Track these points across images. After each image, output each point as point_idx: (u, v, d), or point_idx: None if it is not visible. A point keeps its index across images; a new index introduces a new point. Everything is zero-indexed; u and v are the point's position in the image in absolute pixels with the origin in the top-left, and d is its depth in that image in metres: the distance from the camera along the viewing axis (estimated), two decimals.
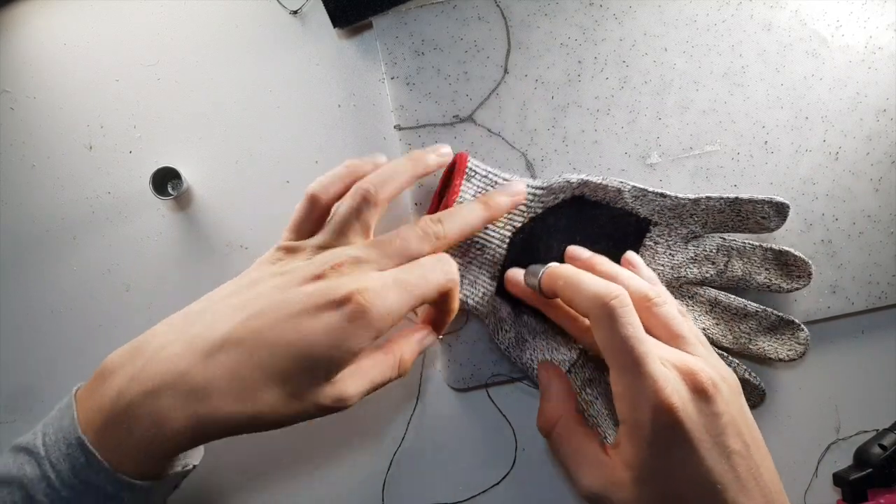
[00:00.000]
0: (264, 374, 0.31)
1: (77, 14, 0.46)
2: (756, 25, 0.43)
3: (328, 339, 0.31)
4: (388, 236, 0.36)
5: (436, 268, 0.35)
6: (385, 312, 0.32)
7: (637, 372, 0.32)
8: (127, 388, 0.30)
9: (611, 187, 0.41)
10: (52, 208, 0.45)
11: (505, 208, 0.39)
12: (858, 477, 0.40)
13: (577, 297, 0.34)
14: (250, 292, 0.34)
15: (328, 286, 0.32)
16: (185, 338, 0.32)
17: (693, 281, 0.41)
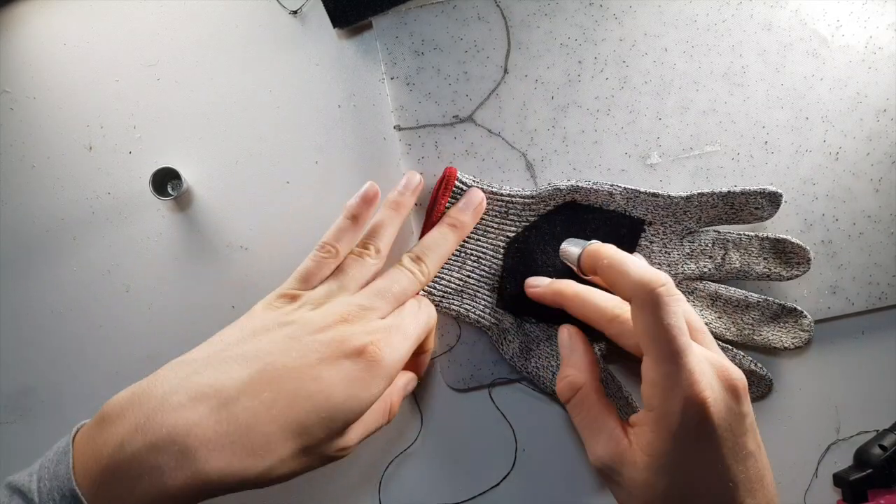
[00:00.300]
0: (280, 427, 0.30)
1: (77, 14, 0.46)
2: (756, 25, 0.43)
3: (347, 388, 0.32)
4: (384, 284, 0.37)
5: (422, 311, 0.38)
6: (397, 360, 0.34)
7: (676, 362, 0.31)
8: (130, 439, 0.29)
9: (602, 191, 0.41)
10: (52, 209, 0.45)
11: (471, 224, 0.41)
12: (858, 477, 0.40)
13: (622, 280, 0.34)
14: (261, 340, 0.33)
15: (342, 336, 0.33)
16: (192, 387, 0.30)
17: (692, 276, 0.41)
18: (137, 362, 0.44)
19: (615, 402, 0.41)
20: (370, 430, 0.36)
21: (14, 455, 0.45)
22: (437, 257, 0.40)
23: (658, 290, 0.32)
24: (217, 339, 0.34)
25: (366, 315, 0.35)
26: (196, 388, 0.30)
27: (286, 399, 0.30)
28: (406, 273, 0.38)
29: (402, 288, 0.38)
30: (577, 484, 0.43)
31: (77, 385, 0.45)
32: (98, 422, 0.30)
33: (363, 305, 0.35)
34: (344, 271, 0.38)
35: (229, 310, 0.44)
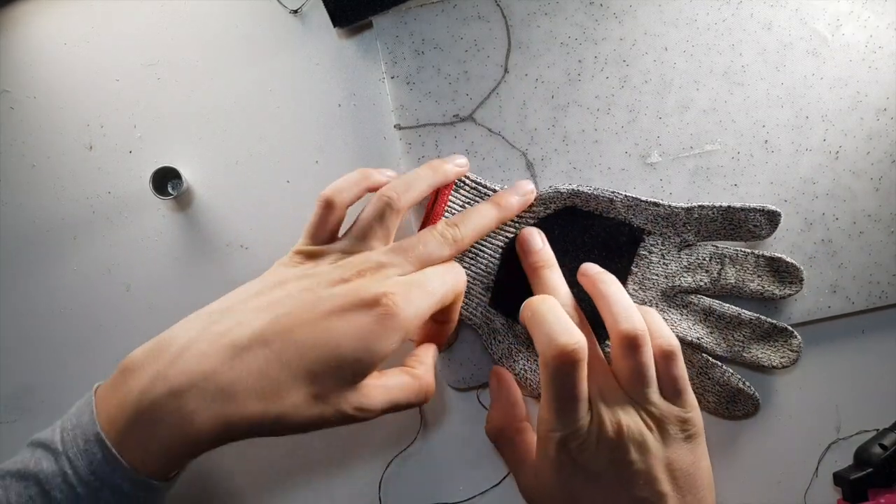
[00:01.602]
0: (291, 374, 0.31)
1: (77, 14, 0.46)
2: (756, 24, 0.43)
3: (357, 339, 0.32)
4: (409, 242, 0.36)
5: (449, 272, 0.37)
6: (412, 315, 0.33)
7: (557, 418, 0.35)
8: (151, 386, 0.30)
9: (602, 197, 0.41)
10: (53, 208, 0.45)
11: (516, 208, 0.40)
12: (859, 476, 0.40)
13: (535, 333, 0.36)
14: (277, 292, 0.34)
15: (357, 288, 0.33)
16: (210, 336, 0.32)
17: (687, 290, 0.41)
18: None
19: None
20: (398, 402, 0.34)
21: (14, 455, 0.45)
22: (474, 228, 0.39)
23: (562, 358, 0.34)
24: (237, 291, 0.35)
25: (384, 271, 0.34)
26: (213, 338, 0.31)
27: (296, 347, 0.31)
28: (436, 236, 0.37)
29: (429, 250, 0.36)
30: None
31: (77, 384, 0.45)
32: (120, 372, 0.31)
33: (381, 262, 0.35)
34: (362, 224, 0.37)
35: None
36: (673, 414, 0.36)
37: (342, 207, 0.38)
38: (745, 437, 0.43)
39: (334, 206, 0.38)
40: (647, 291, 0.42)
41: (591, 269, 0.40)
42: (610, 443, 0.35)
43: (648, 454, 0.35)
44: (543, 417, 0.36)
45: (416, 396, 0.35)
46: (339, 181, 0.39)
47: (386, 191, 0.38)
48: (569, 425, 0.35)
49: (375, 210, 0.37)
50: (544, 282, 0.39)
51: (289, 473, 0.44)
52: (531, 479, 0.38)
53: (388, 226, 0.37)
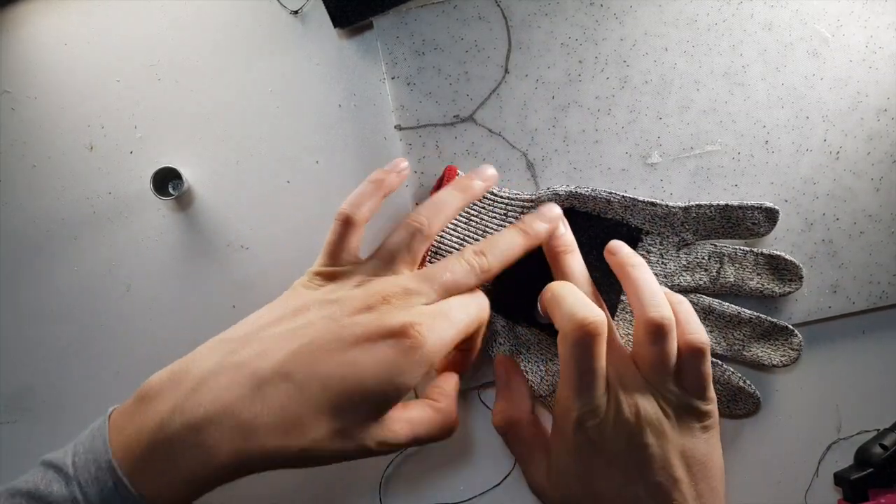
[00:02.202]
0: (313, 409, 0.30)
1: (77, 14, 0.46)
2: (756, 25, 0.43)
3: (381, 372, 0.31)
4: (436, 269, 0.35)
5: (473, 301, 0.36)
6: (438, 347, 0.32)
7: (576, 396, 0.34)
8: (169, 419, 0.29)
9: (600, 198, 0.41)
10: (53, 208, 0.45)
11: (544, 235, 0.39)
12: (859, 477, 0.40)
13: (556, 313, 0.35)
14: (298, 320, 0.33)
15: (381, 317, 0.32)
16: (230, 367, 0.31)
17: (687, 289, 0.41)
18: (138, 361, 0.44)
19: None
20: (421, 437, 0.34)
21: (14, 455, 0.45)
22: (502, 258, 0.37)
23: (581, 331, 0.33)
24: (256, 316, 0.34)
25: (410, 299, 0.33)
26: (232, 369, 0.31)
27: (319, 381, 0.30)
28: (462, 265, 0.36)
29: (455, 279, 0.35)
30: None
31: (77, 385, 0.45)
32: (137, 401, 0.31)
33: (408, 288, 0.34)
34: (389, 248, 0.36)
35: (230, 309, 0.45)
36: (691, 404, 0.36)
37: (361, 223, 0.37)
38: (746, 436, 0.43)
39: (354, 223, 0.37)
40: None
41: (621, 249, 0.39)
42: (627, 425, 0.34)
43: (664, 439, 0.35)
44: (561, 396, 0.35)
45: (439, 431, 0.35)
46: (355, 195, 0.38)
47: (417, 217, 0.37)
48: (587, 403, 0.34)
49: (406, 234, 0.36)
50: (565, 266, 0.39)
51: (289, 473, 0.44)
52: (542, 469, 0.37)
53: (416, 251, 0.36)
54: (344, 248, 0.37)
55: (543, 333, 0.42)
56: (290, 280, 0.44)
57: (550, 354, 0.41)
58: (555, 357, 0.41)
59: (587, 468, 0.35)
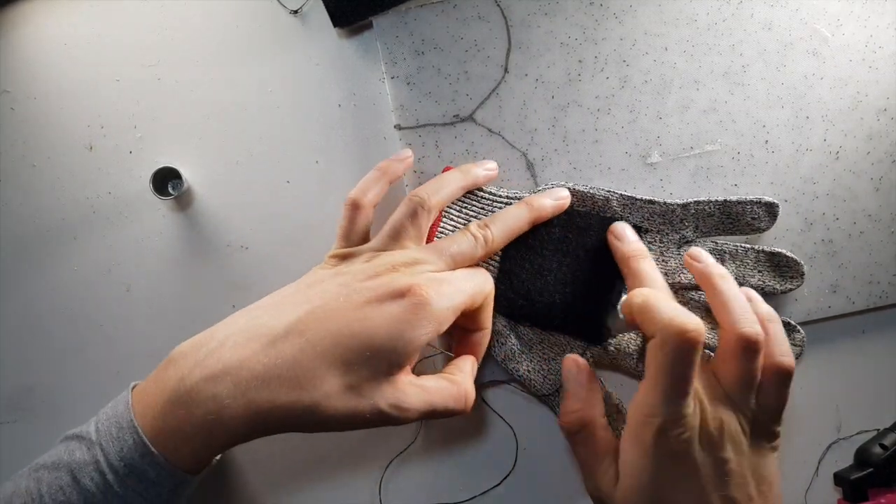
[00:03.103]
0: (325, 363, 0.31)
1: (77, 14, 0.46)
2: (756, 24, 0.43)
3: (391, 328, 0.32)
4: (443, 242, 0.37)
5: (477, 273, 0.37)
6: (445, 307, 0.33)
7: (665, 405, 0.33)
8: (189, 374, 0.31)
9: (599, 196, 0.41)
10: (53, 208, 0.45)
11: (549, 210, 0.40)
12: (859, 476, 0.40)
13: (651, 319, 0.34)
14: (313, 290, 0.35)
15: (389, 279, 0.34)
16: (249, 329, 0.33)
17: (688, 286, 0.41)
18: (138, 361, 0.44)
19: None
20: (436, 407, 0.34)
21: (14, 455, 0.45)
22: (506, 230, 0.39)
23: (684, 337, 0.32)
24: (276, 292, 0.36)
25: (417, 266, 0.35)
26: (251, 329, 0.32)
27: (331, 337, 0.32)
28: (468, 237, 0.38)
29: (461, 249, 0.37)
30: (578, 483, 0.43)
31: (77, 384, 0.45)
32: (164, 365, 0.33)
33: (414, 258, 0.36)
34: (394, 224, 0.38)
35: (230, 309, 0.44)
36: (767, 424, 0.35)
37: (369, 207, 0.39)
38: None
39: (361, 207, 0.39)
40: None
41: (706, 258, 0.39)
42: (710, 437, 0.34)
43: (742, 455, 0.34)
44: (645, 402, 0.34)
45: (454, 401, 0.35)
46: (362, 182, 0.40)
47: (418, 191, 0.39)
48: (675, 412, 0.33)
49: (407, 210, 0.38)
50: (643, 272, 0.38)
51: (289, 473, 0.44)
52: (610, 476, 0.36)
53: (420, 225, 0.38)
54: (354, 230, 0.39)
55: (545, 333, 0.42)
56: (290, 280, 0.44)
57: (553, 354, 0.41)
58: (557, 357, 0.41)
59: (664, 478, 0.34)
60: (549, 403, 0.42)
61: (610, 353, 0.41)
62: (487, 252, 0.38)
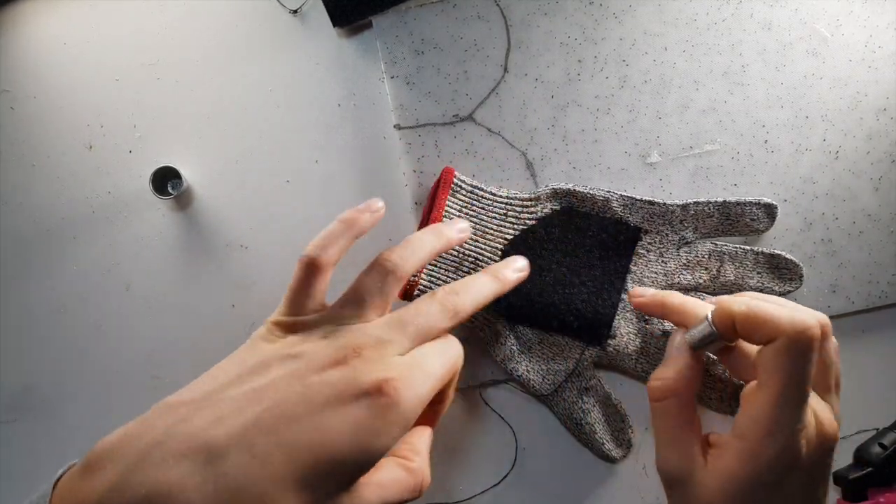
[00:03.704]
0: (277, 486, 0.26)
1: (77, 14, 0.46)
2: (756, 24, 0.43)
3: (355, 438, 0.27)
4: (408, 313, 0.32)
5: (449, 348, 0.33)
6: (416, 404, 0.29)
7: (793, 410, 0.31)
8: (108, 498, 0.25)
9: (598, 197, 0.41)
10: (52, 208, 0.45)
11: (512, 283, 0.37)
12: (858, 476, 0.40)
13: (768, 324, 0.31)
14: (259, 380, 0.29)
15: (353, 374, 0.28)
16: (178, 437, 0.27)
17: (687, 287, 0.41)
18: (137, 360, 0.44)
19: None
20: (390, 498, 0.30)
21: (14, 454, 0.45)
22: (474, 299, 0.34)
23: (808, 334, 0.30)
24: (210, 376, 0.30)
25: (383, 349, 0.30)
26: (182, 440, 0.27)
27: (284, 452, 0.26)
28: (436, 306, 0.33)
29: (429, 322, 0.32)
30: (578, 483, 0.43)
31: (77, 384, 0.45)
32: (82, 469, 0.27)
33: (380, 338, 0.30)
34: (359, 292, 0.33)
35: (229, 309, 0.45)
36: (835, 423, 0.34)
37: (329, 267, 0.34)
38: None
39: (320, 267, 0.33)
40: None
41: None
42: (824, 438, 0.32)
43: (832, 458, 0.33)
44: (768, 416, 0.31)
45: (410, 493, 0.31)
46: (322, 236, 0.34)
47: (390, 256, 0.34)
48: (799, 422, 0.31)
49: (378, 276, 0.33)
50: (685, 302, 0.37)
51: None
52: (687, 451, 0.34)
53: (388, 294, 0.33)
54: (309, 294, 0.33)
55: (544, 334, 0.42)
56: (289, 279, 0.44)
57: (551, 354, 0.42)
58: (556, 357, 0.41)
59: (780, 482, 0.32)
60: (548, 404, 0.42)
61: (609, 353, 0.41)
62: (455, 324, 0.33)
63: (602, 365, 0.43)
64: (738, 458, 0.32)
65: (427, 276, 0.41)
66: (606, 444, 0.41)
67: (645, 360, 0.41)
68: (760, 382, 0.32)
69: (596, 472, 0.43)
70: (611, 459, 0.42)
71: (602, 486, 0.43)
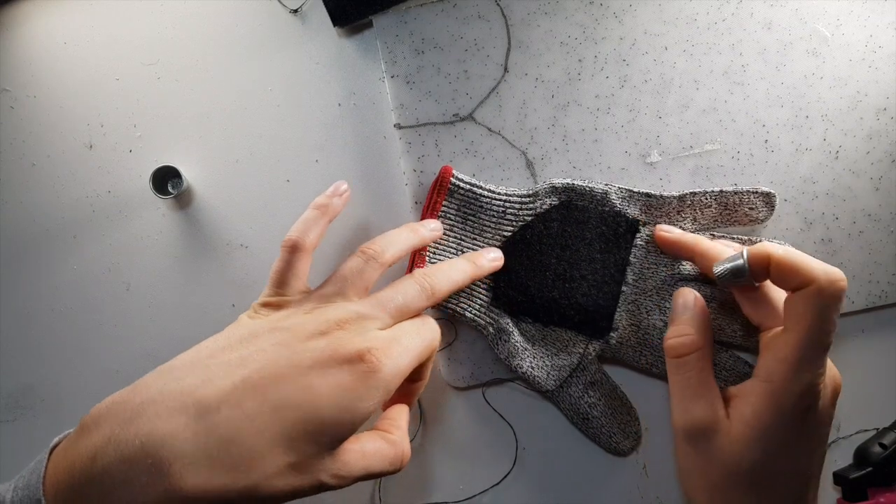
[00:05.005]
0: (265, 440, 0.28)
1: (77, 13, 0.46)
2: (756, 24, 0.43)
3: (338, 399, 0.29)
4: (387, 293, 0.35)
5: (425, 326, 0.35)
6: (395, 373, 0.31)
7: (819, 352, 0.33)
8: (103, 450, 0.27)
9: (597, 190, 0.41)
10: (52, 207, 0.45)
11: (487, 270, 0.40)
12: (858, 476, 0.40)
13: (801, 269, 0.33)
14: (249, 347, 0.31)
15: (337, 341, 0.31)
16: (171, 394, 0.28)
17: (687, 278, 0.41)
18: (137, 360, 0.44)
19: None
20: (372, 466, 0.32)
21: (14, 453, 0.45)
22: (449, 280, 0.37)
23: (839, 285, 0.32)
24: (203, 345, 0.32)
25: (364, 323, 0.32)
26: (175, 397, 0.28)
27: (271, 409, 0.28)
28: (413, 286, 0.35)
29: (407, 301, 0.35)
30: (578, 482, 0.43)
31: (77, 383, 0.45)
32: (77, 432, 0.28)
33: (361, 313, 0.33)
34: (342, 275, 0.35)
35: (229, 308, 0.45)
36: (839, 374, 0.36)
37: (310, 250, 0.37)
38: None
39: (301, 249, 0.36)
40: (647, 281, 0.42)
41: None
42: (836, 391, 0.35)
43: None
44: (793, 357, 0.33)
45: (391, 465, 0.33)
46: (300, 222, 0.38)
47: (371, 245, 0.37)
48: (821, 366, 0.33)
49: (359, 262, 0.36)
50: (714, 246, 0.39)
51: None
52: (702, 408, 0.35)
53: (368, 279, 0.36)
54: (292, 275, 0.36)
55: (547, 329, 0.42)
56: None
57: (555, 350, 0.41)
58: (560, 352, 0.41)
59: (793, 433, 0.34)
60: (554, 400, 0.42)
61: (612, 346, 0.41)
62: (431, 302, 0.36)
63: (606, 359, 0.43)
64: (764, 399, 0.34)
65: None
66: (615, 436, 0.41)
67: (648, 352, 0.41)
68: (788, 327, 0.34)
69: (596, 472, 0.43)
70: (620, 452, 0.42)
71: (602, 486, 0.43)
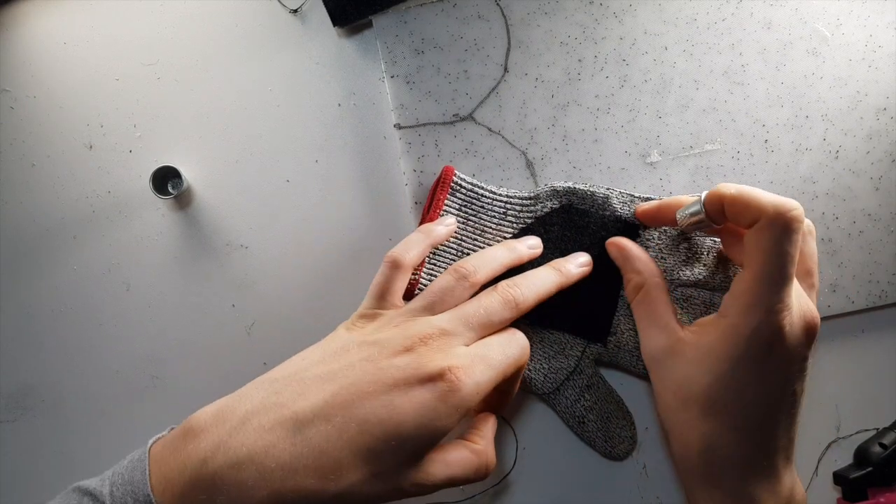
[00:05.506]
0: (351, 452, 0.30)
1: (77, 14, 0.46)
2: (756, 24, 0.43)
3: (419, 417, 0.31)
4: (472, 307, 0.35)
5: (512, 342, 0.35)
6: (476, 392, 0.32)
7: (773, 286, 0.32)
8: (212, 457, 0.30)
9: (598, 194, 0.41)
10: (52, 207, 0.45)
11: (576, 276, 0.40)
12: (858, 476, 0.40)
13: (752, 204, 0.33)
14: (339, 362, 0.33)
15: (419, 361, 0.32)
16: (272, 408, 0.31)
17: (687, 283, 0.41)
18: (137, 361, 0.44)
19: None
20: (455, 475, 0.33)
21: (14, 454, 0.45)
22: (535, 291, 0.37)
23: (790, 215, 0.32)
24: (299, 357, 0.35)
25: (448, 340, 0.34)
26: (274, 409, 0.31)
27: (357, 424, 0.31)
28: (497, 299, 0.36)
29: (490, 314, 0.35)
30: (578, 482, 0.43)
31: (77, 384, 0.45)
32: (183, 434, 0.31)
33: (445, 329, 0.34)
34: (432, 290, 0.36)
35: (229, 308, 0.45)
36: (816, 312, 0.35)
37: (409, 268, 0.38)
38: None
39: (402, 266, 0.38)
40: None
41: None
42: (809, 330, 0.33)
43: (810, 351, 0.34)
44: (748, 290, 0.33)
45: (475, 473, 0.34)
46: (404, 242, 0.39)
47: (466, 265, 0.38)
48: (780, 299, 0.32)
49: (448, 281, 0.37)
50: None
51: None
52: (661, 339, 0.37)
53: (458, 298, 0.36)
54: (389, 290, 0.37)
55: (545, 332, 0.42)
56: (289, 279, 0.44)
57: (553, 353, 0.41)
58: (558, 355, 0.41)
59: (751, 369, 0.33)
60: (550, 402, 0.42)
61: (610, 350, 0.41)
62: (516, 314, 0.36)
63: (603, 363, 0.43)
64: (718, 333, 0.34)
65: (427, 276, 0.41)
66: (610, 440, 0.41)
67: None
68: (745, 263, 0.34)
69: (596, 472, 0.43)
70: (615, 457, 0.42)
71: (602, 486, 0.43)
